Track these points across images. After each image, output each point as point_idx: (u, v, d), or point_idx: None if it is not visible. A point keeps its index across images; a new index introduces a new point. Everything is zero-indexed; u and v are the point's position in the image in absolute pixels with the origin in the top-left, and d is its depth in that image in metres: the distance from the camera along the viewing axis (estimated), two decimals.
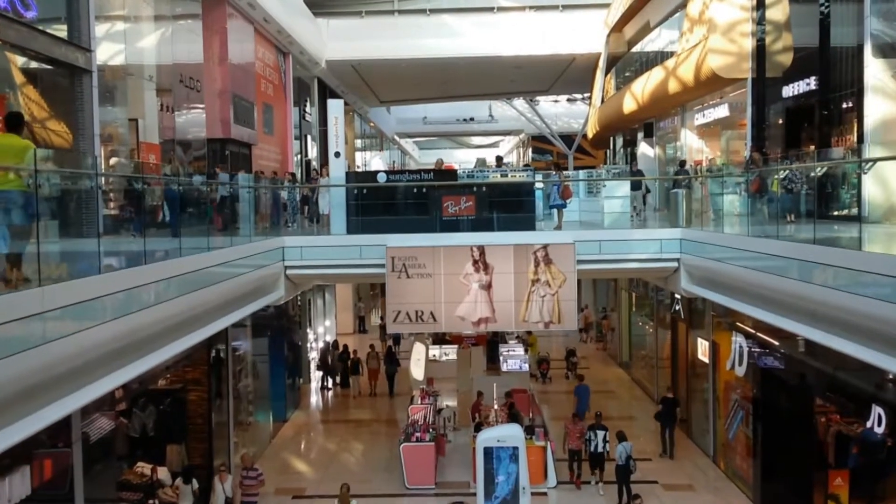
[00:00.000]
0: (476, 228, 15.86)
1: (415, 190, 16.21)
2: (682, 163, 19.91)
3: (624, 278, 28.27)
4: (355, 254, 15.53)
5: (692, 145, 26.57)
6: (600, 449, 16.78)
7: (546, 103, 53.22)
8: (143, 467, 14.78)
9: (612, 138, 38.11)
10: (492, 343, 26.15)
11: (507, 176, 17.18)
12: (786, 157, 16.92)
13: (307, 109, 32.70)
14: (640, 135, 31.25)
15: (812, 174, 12.69)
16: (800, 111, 19.57)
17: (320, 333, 28.77)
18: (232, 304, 12.89)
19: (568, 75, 38.03)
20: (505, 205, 16.55)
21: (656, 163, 29.45)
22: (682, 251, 15.37)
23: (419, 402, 19.92)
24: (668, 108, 27.17)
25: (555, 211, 17.15)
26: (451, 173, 17.53)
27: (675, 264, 15.52)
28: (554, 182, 16.63)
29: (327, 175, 17.89)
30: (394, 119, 54.16)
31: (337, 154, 16.70)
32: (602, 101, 33.41)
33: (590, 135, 36.99)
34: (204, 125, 21.93)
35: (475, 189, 16.31)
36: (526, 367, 23.84)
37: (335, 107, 17.42)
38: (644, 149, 30.77)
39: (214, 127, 22.63)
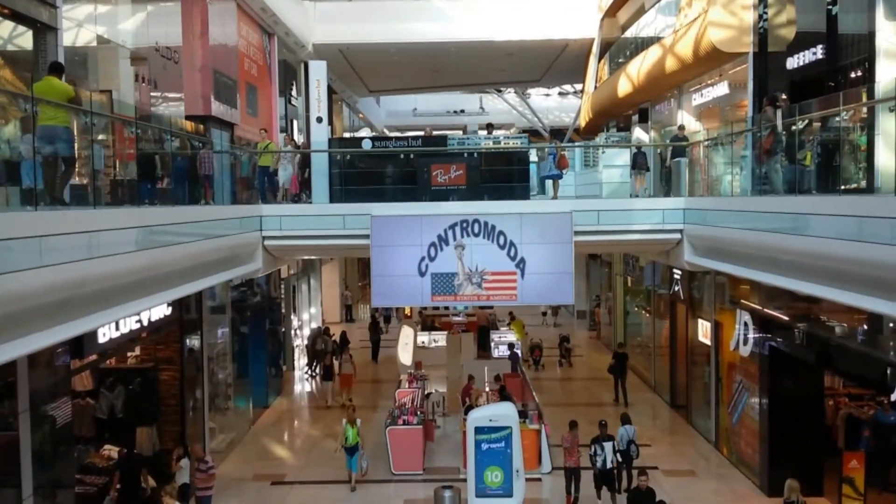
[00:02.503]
0: (466, 199, 15.11)
1: (402, 157, 15.47)
2: (681, 127, 18.82)
3: (618, 262, 27.40)
4: (338, 224, 14.69)
5: (690, 128, 25.65)
6: (609, 464, 13.96)
7: (537, 97, 52.26)
8: (110, 450, 13.92)
9: (605, 127, 37.24)
10: (483, 329, 25.43)
11: (499, 144, 16.17)
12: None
13: (293, 94, 31.57)
14: (635, 119, 30.36)
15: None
16: (805, 84, 18.57)
17: (305, 320, 27.90)
18: (201, 269, 11.87)
19: (560, 64, 37.05)
20: (498, 174, 15.89)
21: (651, 148, 28.49)
22: (685, 221, 14.63)
23: (406, 386, 19.19)
24: (664, 89, 26.17)
25: (549, 183, 16.34)
26: (440, 140, 16.52)
27: (677, 235, 14.78)
28: (549, 147, 15.60)
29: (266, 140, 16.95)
30: (384, 111, 53.14)
31: (319, 119, 15.78)
32: (595, 86, 32.47)
33: (582, 123, 36.05)
34: (183, 101, 20.82)
35: (466, 156, 15.56)
36: (518, 353, 23.05)
37: (317, 68, 16.43)
38: (639, 134, 29.82)
39: (194, 103, 21.47)
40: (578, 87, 42.95)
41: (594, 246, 16.54)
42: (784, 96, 13.98)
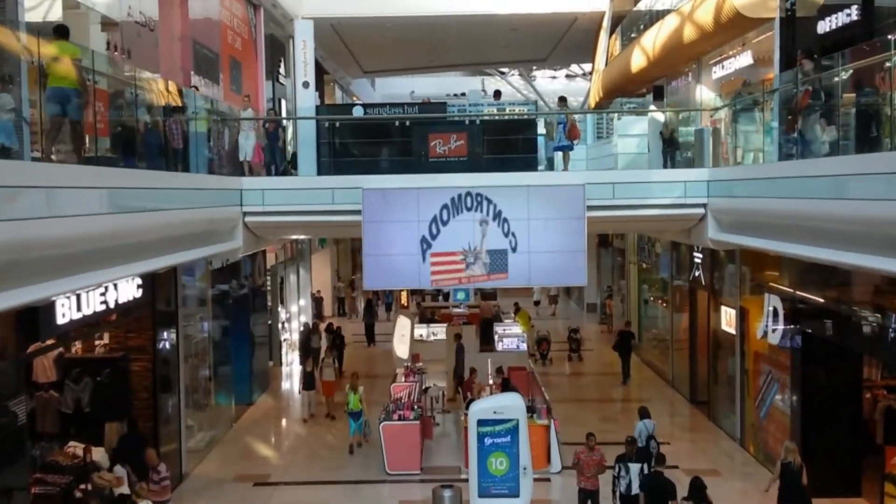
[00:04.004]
0: (468, 171, 14.69)
1: (397, 125, 15.05)
2: (746, 83, 18.24)
3: (632, 249, 26.85)
4: (326, 198, 14.22)
5: (709, 105, 25.04)
6: (635, 490, 12.37)
7: (543, 79, 51.68)
8: (76, 447, 13.38)
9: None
10: (485, 322, 25.07)
11: (504, 111, 15.72)
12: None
13: (281, 72, 30.96)
14: (649, 98, 29.78)
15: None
16: (839, 49, 18.00)
17: (294, 313, 27.42)
18: (173, 243, 11.35)
19: (568, 40, 36.39)
20: (502, 144, 15.50)
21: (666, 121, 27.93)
22: (709, 194, 14.14)
23: (403, 380, 18.75)
24: (682, 62, 25.56)
25: (559, 155, 15.87)
26: (439, 107, 16.06)
27: (701, 210, 14.30)
28: (558, 114, 15.18)
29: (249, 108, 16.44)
30: (379, 95, 52.53)
31: (306, 84, 15.33)
32: (606, 63, 31.87)
33: (592, 104, 35.44)
34: (158, 73, 20.26)
35: (467, 124, 15.19)
36: (524, 345, 22.91)
37: (303, 29, 15.95)
38: (654, 114, 29.24)
39: (172, 77, 20.87)
40: (587, 68, 42.35)
41: (608, 222, 15.99)
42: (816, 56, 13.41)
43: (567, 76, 51.80)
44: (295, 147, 15.86)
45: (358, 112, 15.25)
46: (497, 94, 17.90)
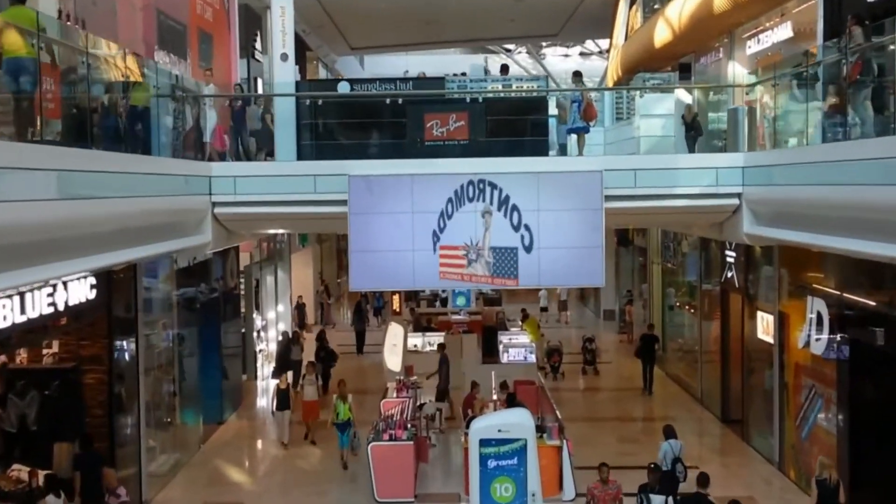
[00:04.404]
0: (469, 156, 14.73)
1: (388, 103, 15.07)
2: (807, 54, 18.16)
3: (655, 248, 26.80)
4: (308, 186, 14.15)
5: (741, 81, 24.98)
6: None
7: (554, 58, 51.67)
8: (20, 471, 13.31)
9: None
10: (489, 330, 25.14)
11: (510, 87, 15.77)
12: None
13: (258, 47, 30.90)
14: (674, 77, 29.72)
15: None
16: (890, 16, 17.95)
17: (271, 320, 27.42)
18: (131, 236, 11.28)
19: (583, 12, 36.33)
20: (508, 125, 15.57)
21: (695, 104, 27.89)
22: (744, 182, 14.07)
23: (394, 395, 18.77)
24: (712, 35, 25.46)
25: (573, 138, 15.83)
26: (436, 83, 16.00)
27: (735, 201, 14.25)
28: (572, 91, 15.38)
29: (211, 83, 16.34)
30: (368, 75, 52.44)
31: (284, 56, 15.25)
32: (626, 38, 31.82)
33: (609, 84, 35.39)
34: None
35: (469, 103, 15.27)
36: (532, 357, 22.95)
37: None
38: (680, 94, 29.18)
39: (133, 49, 20.87)
40: (604, 44, 42.29)
41: (629, 215, 15.91)
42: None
43: (581, 54, 51.81)
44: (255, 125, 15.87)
45: (344, 88, 15.23)
46: (504, 68, 17.91)
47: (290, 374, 22.17)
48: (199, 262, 19.01)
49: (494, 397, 18.00)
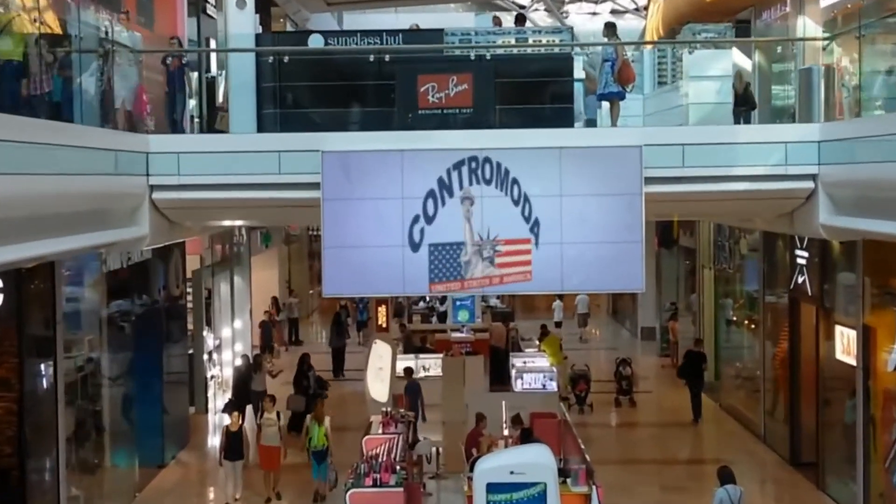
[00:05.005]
0: (472, 125, 14.73)
1: (372, 60, 14.82)
2: None
3: (706, 250, 26.74)
4: (270, 165, 14.00)
5: (815, 44, 25.03)
6: None
7: (579, 16, 51.87)
8: None
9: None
10: (498, 352, 25.63)
11: (526, 41, 16.09)
12: None
13: (210, 1, 30.91)
14: (731, 32, 29.80)
15: None
16: None
17: (226, 339, 27.52)
18: (45, 225, 11.06)
19: None
20: (523, 90, 15.44)
21: (755, 79, 27.89)
22: (820, 160, 13.92)
23: (380, 431, 18.86)
24: None
25: (605, 106, 15.95)
26: (433, 36, 16.17)
27: (809, 184, 14.09)
28: (604, 45, 15.49)
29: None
30: None
31: (241, 3, 15.21)
32: None
33: (649, 47, 35.45)
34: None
35: (473, 61, 15.13)
36: (553, 384, 23.00)
37: None
38: (736, 58, 29.21)
39: (53, 3, 20.94)
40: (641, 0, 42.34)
41: (675, 202, 15.75)
42: None
43: (613, 11, 51.99)
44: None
45: (317, 43, 15.02)
46: (520, 18, 17.96)
47: (249, 408, 22.18)
48: (135, 265, 19.02)
49: (505, 433, 18.08)
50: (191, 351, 24.49)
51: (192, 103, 19.34)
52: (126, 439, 19.17)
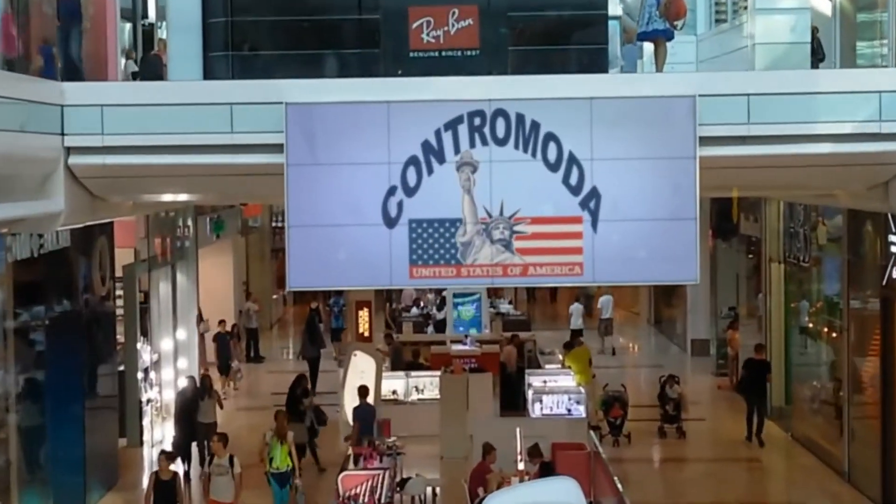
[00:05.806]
0: (478, 72, 14.83)
1: None
2: None
3: (774, 240, 26.79)
4: (220, 121, 13.98)
5: None
6: None
7: None
8: None
9: None
10: (511, 368, 25.92)
11: None
12: None
13: None
14: None
15: None
16: None
17: (166, 354, 27.63)
18: None
19: None
20: (542, 27, 15.62)
21: (836, 21, 28.07)
22: None
23: (360, 464, 19.11)
24: None
25: (648, 48, 16.77)
26: None
27: None
28: None
29: None
30: None
31: None
32: None
33: None
34: None
35: None
36: (580, 409, 23.32)
37: None
38: None
39: None
40: None
41: (737, 170, 15.78)
42: None
43: None
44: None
45: None
46: None
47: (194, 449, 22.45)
48: (48, 256, 19.00)
49: (521, 467, 18.13)
50: (121, 368, 24.69)
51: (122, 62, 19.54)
52: (39, 477, 19.27)
